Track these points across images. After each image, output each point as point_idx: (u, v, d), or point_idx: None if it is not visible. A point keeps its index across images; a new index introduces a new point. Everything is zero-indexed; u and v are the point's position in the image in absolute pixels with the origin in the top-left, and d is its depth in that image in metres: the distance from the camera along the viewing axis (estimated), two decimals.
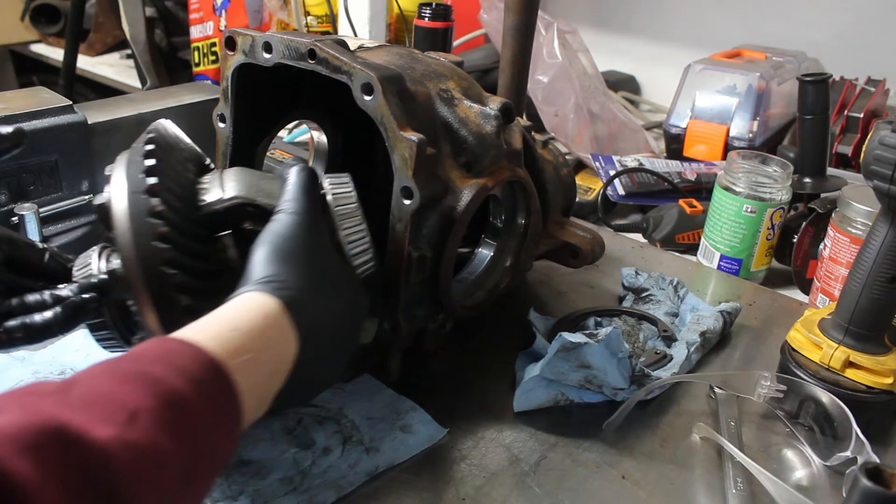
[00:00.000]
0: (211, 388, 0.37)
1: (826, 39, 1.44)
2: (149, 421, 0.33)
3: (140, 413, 0.33)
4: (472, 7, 1.44)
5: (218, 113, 0.67)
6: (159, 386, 0.35)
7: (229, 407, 0.39)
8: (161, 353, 0.38)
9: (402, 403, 0.65)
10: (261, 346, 0.42)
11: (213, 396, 0.37)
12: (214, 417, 0.37)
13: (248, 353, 0.41)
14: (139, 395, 0.34)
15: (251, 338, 0.42)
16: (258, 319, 0.43)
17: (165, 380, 0.35)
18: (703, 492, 0.59)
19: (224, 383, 0.39)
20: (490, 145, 0.63)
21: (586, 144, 1.28)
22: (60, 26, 2.08)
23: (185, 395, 0.36)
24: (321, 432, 0.61)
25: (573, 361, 0.63)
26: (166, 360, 0.37)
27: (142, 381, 0.35)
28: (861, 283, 0.63)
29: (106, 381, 0.34)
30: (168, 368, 0.36)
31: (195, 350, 0.38)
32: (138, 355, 0.37)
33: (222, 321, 0.42)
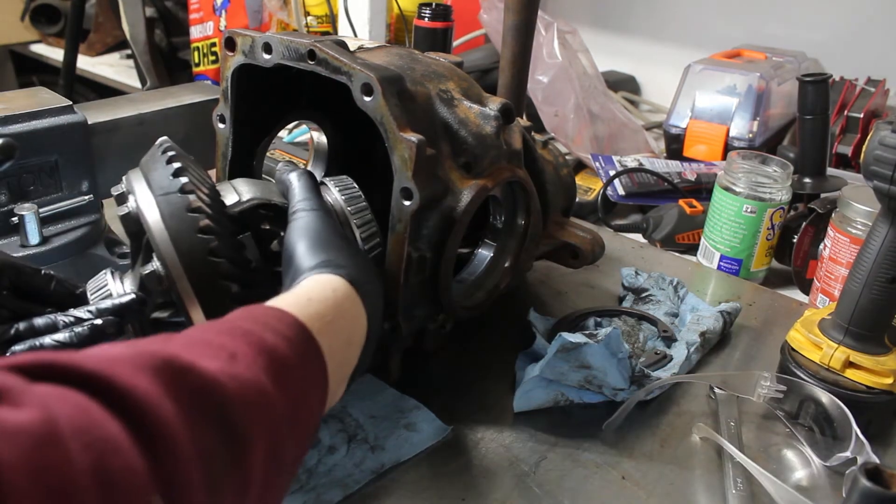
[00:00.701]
0: (299, 345, 0.39)
1: (826, 39, 1.44)
2: (249, 361, 0.35)
3: (239, 355, 0.35)
4: (472, 7, 1.44)
5: (218, 113, 0.67)
6: (252, 337, 0.37)
7: (318, 365, 0.41)
8: (249, 314, 0.39)
9: (406, 402, 0.65)
10: (337, 315, 0.44)
11: (302, 353, 0.39)
12: (306, 372, 0.39)
13: (327, 319, 0.42)
14: (235, 343, 0.36)
15: (327, 307, 0.43)
16: (329, 293, 0.45)
17: (257, 333, 0.37)
18: (703, 492, 0.59)
19: (310, 343, 0.40)
20: (490, 146, 0.63)
21: (586, 144, 1.28)
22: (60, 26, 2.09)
23: (278, 347, 0.37)
24: (326, 431, 0.61)
25: (573, 362, 0.63)
26: (255, 319, 0.39)
27: (235, 333, 0.37)
28: (861, 283, 0.63)
29: (202, 333, 0.36)
30: (258, 325, 0.38)
31: (280, 312, 0.40)
32: (227, 319, 0.39)
33: (297, 295, 0.44)
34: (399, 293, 0.59)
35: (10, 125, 0.73)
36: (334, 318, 0.44)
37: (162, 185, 0.52)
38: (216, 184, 0.57)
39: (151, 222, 0.51)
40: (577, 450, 0.62)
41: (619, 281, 0.87)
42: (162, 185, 0.52)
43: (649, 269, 0.88)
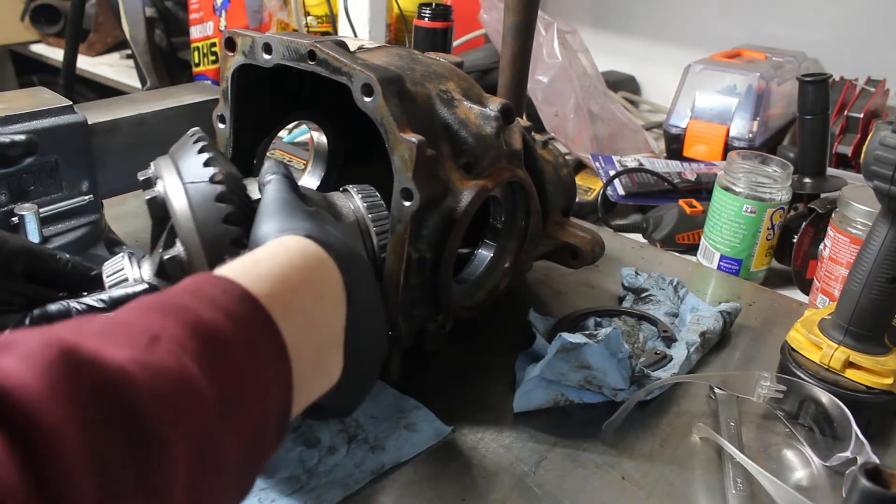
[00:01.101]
0: (244, 320, 0.35)
1: (826, 39, 1.44)
2: (172, 345, 0.31)
3: (161, 338, 0.31)
4: (472, 7, 1.44)
5: (218, 114, 0.67)
6: (186, 314, 0.33)
7: (270, 341, 0.36)
8: (192, 286, 0.35)
9: (406, 402, 0.65)
10: (294, 274, 0.39)
11: (247, 328, 0.35)
12: (253, 351, 0.34)
13: (280, 281, 0.38)
14: (162, 323, 0.32)
15: (280, 267, 0.39)
16: (280, 252, 0.40)
17: (193, 309, 0.33)
18: (703, 492, 0.59)
19: (259, 315, 0.36)
20: (490, 146, 0.63)
21: (586, 144, 1.28)
22: (60, 26, 2.09)
23: (216, 325, 0.33)
24: (326, 431, 0.61)
25: (573, 362, 0.63)
26: (196, 292, 0.35)
27: (168, 310, 0.33)
28: (861, 283, 0.63)
29: (128, 313, 0.33)
30: (197, 299, 0.34)
31: (225, 282, 0.36)
32: (167, 292, 0.35)
33: (243, 260, 0.40)
34: (399, 293, 0.59)
35: (10, 125, 0.73)
36: (290, 278, 0.38)
37: (192, 174, 0.52)
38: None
39: (178, 208, 0.51)
40: (577, 450, 0.62)
41: (619, 281, 0.87)
42: (192, 173, 0.52)
43: (649, 269, 0.88)
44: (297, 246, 0.41)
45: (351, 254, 0.45)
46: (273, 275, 0.38)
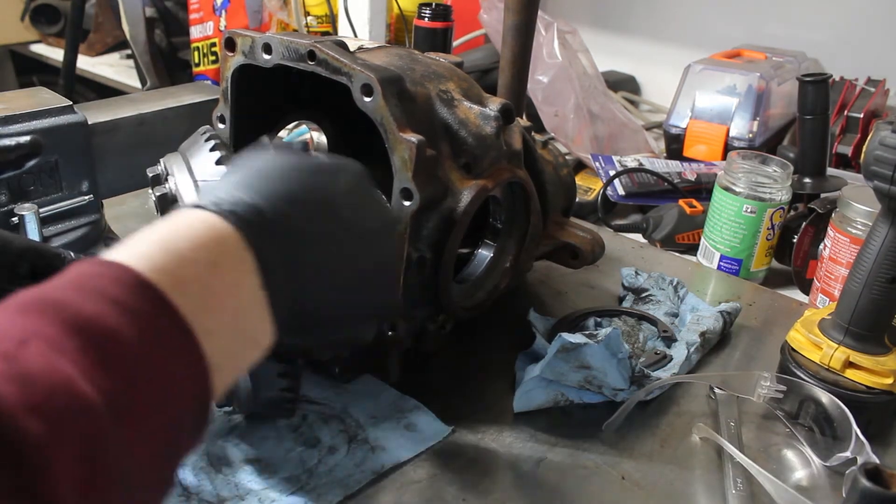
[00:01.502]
0: (138, 309, 0.31)
1: (826, 39, 1.44)
2: (43, 348, 0.27)
3: (31, 341, 0.27)
4: (472, 7, 1.44)
5: (218, 114, 0.67)
6: (64, 311, 0.29)
7: (173, 330, 0.32)
8: (74, 277, 0.31)
9: (406, 402, 0.65)
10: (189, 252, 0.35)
11: (142, 318, 0.30)
12: (146, 336, 0.30)
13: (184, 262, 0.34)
14: (34, 324, 0.28)
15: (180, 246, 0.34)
16: (182, 229, 0.36)
17: (71, 303, 0.29)
18: (703, 492, 0.59)
19: (157, 302, 0.31)
20: (490, 146, 0.63)
21: (586, 144, 1.28)
22: (60, 26, 2.09)
23: (101, 319, 0.29)
24: (326, 431, 0.61)
25: (573, 362, 0.63)
26: (78, 283, 0.31)
27: (41, 308, 0.29)
28: (861, 283, 0.63)
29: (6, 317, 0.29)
30: (78, 292, 0.30)
31: (115, 268, 0.32)
32: (42, 287, 0.31)
33: (135, 241, 0.35)
34: (399, 293, 0.59)
35: (10, 125, 0.73)
36: (176, 248, 0.34)
37: (204, 172, 0.52)
38: None
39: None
40: (577, 450, 0.62)
41: (619, 281, 0.87)
42: (204, 171, 0.52)
43: (649, 269, 0.88)
44: (182, 216, 0.37)
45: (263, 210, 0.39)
46: (156, 247, 0.34)
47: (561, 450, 0.62)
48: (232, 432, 0.60)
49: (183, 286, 0.33)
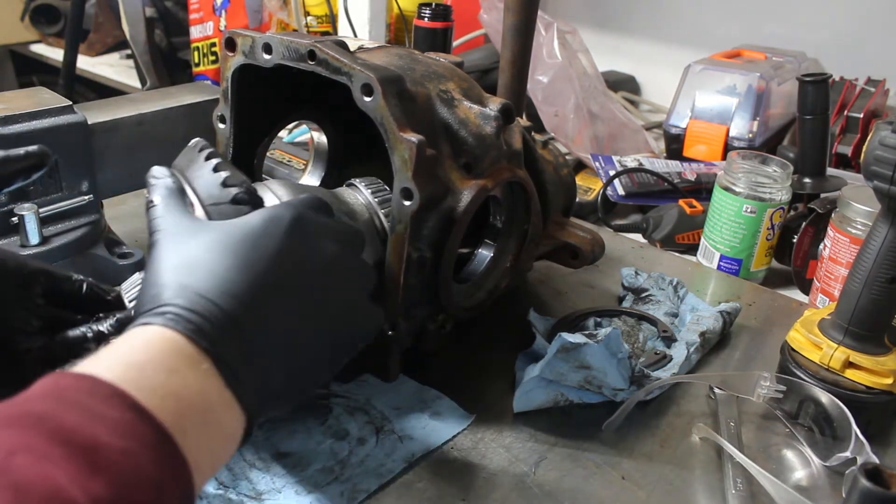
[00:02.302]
0: (117, 417, 0.32)
1: (826, 39, 1.44)
2: (31, 459, 0.29)
3: (18, 452, 0.29)
4: (472, 7, 1.44)
5: (218, 114, 0.67)
6: (47, 423, 0.30)
7: (148, 432, 0.33)
8: (50, 389, 0.33)
9: (427, 392, 0.66)
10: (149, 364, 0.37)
11: (121, 426, 0.32)
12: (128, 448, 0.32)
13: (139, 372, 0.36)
14: (19, 437, 0.30)
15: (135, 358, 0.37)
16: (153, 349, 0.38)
17: (52, 415, 0.31)
18: (703, 492, 0.59)
19: (134, 410, 0.33)
20: (490, 146, 0.63)
21: (586, 144, 1.28)
22: (60, 26, 2.09)
23: (82, 427, 0.31)
24: (353, 423, 0.62)
25: (573, 362, 0.63)
26: (56, 395, 0.32)
27: (23, 422, 0.30)
28: (861, 283, 0.63)
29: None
30: (59, 404, 0.32)
31: (90, 380, 0.34)
32: (23, 397, 0.33)
33: (110, 356, 0.37)
34: (399, 293, 0.59)
35: (10, 125, 0.73)
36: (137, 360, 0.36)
37: (211, 195, 0.51)
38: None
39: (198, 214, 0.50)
40: (577, 450, 0.62)
41: (619, 281, 0.87)
42: (211, 194, 0.51)
43: (649, 269, 0.88)
44: (135, 333, 0.39)
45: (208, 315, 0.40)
46: (124, 364, 0.36)
47: (561, 450, 0.62)
48: (259, 429, 0.61)
49: (151, 393, 0.34)
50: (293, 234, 0.46)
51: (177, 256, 0.43)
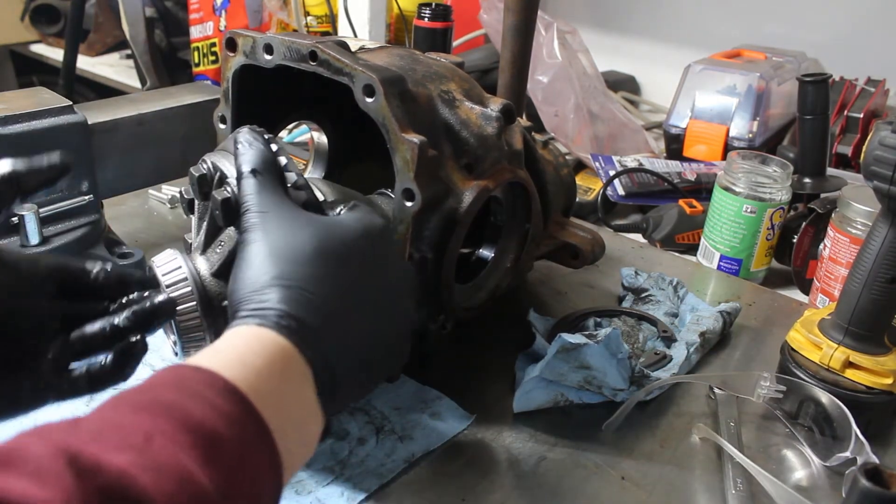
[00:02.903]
0: (233, 413, 0.35)
1: (826, 39, 1.44)
2: (166, 442, 0.32)
3: (155, 436, 0.31)
4: (472, 7, 1.44)
5: (219, 114, 0.67)
6: (174, 410, 0.33)
7: (257, 431, 0.37)
8: (174, 380, 0.36)
9: (427, 393, 0.66)
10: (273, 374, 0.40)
11: (236, 420, 0.35)
12: (243, 442, 0.35)
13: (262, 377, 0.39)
14: (153, 422, 0.32)
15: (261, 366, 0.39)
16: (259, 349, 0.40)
17: (180, 404, 0.34)
18: (703, 492, 0.59)
19: (245, 407, 0.36)
20: (491, 147, 0.63)
21: (586, 144, 1.28)
22: (60, 26, 2.08)
23: (206, 419, 0.34)
24: (353, 423, 0.62)
25: (573, 362, 0.64)
26: (180, 385, 0.35)
27: (154, 409, 0.33)
28: (861, 283, 0.63)
29: (115, 414, 0.33)
30: (182, 393, 0.34)
31: (209, 375, 0.37)
32: (148, 387, 0.36)
33: (225, 353, 0.40)
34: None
35: (10, 125, 0.73)
36: (255, 364, 0.39)
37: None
38: None
39: None
40: (577, 450, 0.62)
41: (619, 281, 0.87)
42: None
43: (649, 269, 0.88)
44: (249, 333, 0.41)
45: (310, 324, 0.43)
46: (241, 363, 0.38)
47: (561, 450, 0.62)
48: None
49: (262, 396, 0.37)
50: (383, 252, 0.49)
51: (280, 249, 0.45)
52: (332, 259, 0.46)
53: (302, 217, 0.48)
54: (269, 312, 0.42)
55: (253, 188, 0.48)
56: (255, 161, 0.49)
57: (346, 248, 0.47)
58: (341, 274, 0.46)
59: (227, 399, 0.36)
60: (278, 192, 0.49)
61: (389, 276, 0.50)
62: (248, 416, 0.36)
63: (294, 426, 0.40)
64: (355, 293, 0.47)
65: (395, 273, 0.51)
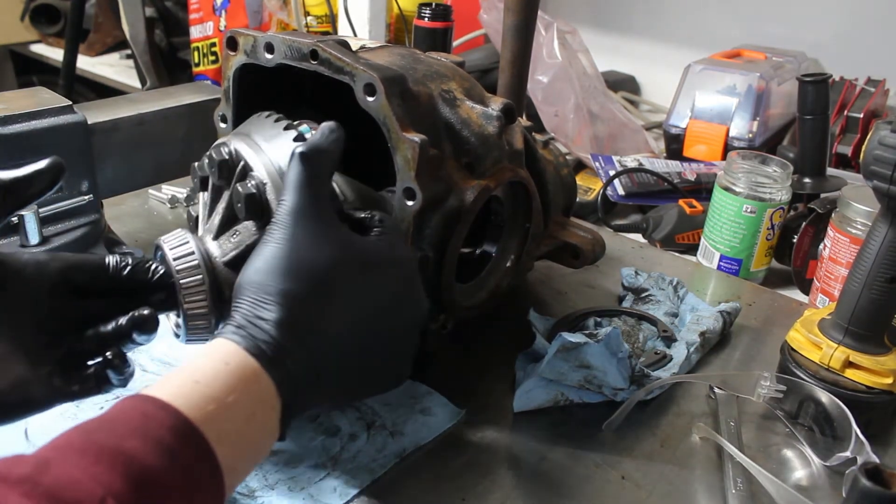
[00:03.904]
0: (187, 458, 0.36)
1: (826, 39, 1.44)
2: (99, 484, 0.33)
3: (107, 500, 0.32)
4: (472, 7, 1.44)
5: (219, 114, 0.67)
6: (132, 466, 0.34)
7: (203, 460, 0.38)
8: (130, 419, 0.36)
9: (418, 388, 0.66)
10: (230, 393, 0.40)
11: (188, 466, 0.36)
12: (189, 487, 0.36)
13: (217, 400, 0.39)
14: (110, 478, 0.33)
15: (217, 387, 0.40)
16: (221, 366, 0.41)
17: (138, 457, 0.35)
18: (703, 492, 0.59)
19: (193, 437, 0.37)
20: (492, 146, 0.63)
21: (586, 144, 1.28)
22: (60, 26, 2.09)
23: (159, 471, 0.35)
24: (344, 419, 0.62)
25: (573, 361, 0.64)
26: (135, 428, 0.36)
27: (114, 460, 0.34)
28: (861, 283, 0.63)
29: (79, 463, 0.33)
30: (135, 437, 0.35)
31: (158, 406, 0.37)
32: (114, 422, 0.36)
33: (183, 377, 0.40)
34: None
35: (10, 125, 0.73)
36: (225, 400, 0.39)
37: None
38: None
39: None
40: (577, 450, 0.62)
41: (619, 281, 0.87)
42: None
43: (649, 269, 0.88)
44: (235, 361, 0.42)
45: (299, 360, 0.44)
46: (211, 398, 0.39)
47: (561, 450, 0.62)
48: None
49: (224, 437, 0.38)
50: (403, 289, 0.51)
51: (299, 262, 0.45)
52: (350, 287, 0.46)
53: (332, 231, 0.47)
54: (262, 336, 0.43)
55: (299, 179, 0.47)
56: (321, 151, 0.48)
57: (367, 278, 0.47)
58: (355, 304, 0.47)
59: (185, 443, 0.36)
60: (322, 196, 0.48)
61: (404, 314, 0.51)
62: (202, 459, 0.37)
63: (249, 459, 0.41)
64: (363, 328, 0.47)
65: (409, 310, 0.51)
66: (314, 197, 0.47)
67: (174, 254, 0.52)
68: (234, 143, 0.56)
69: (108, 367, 0.49)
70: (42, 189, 0.48)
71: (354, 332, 0.47)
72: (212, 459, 0.37)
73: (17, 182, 0.47)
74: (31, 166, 0.48)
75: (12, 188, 0.47)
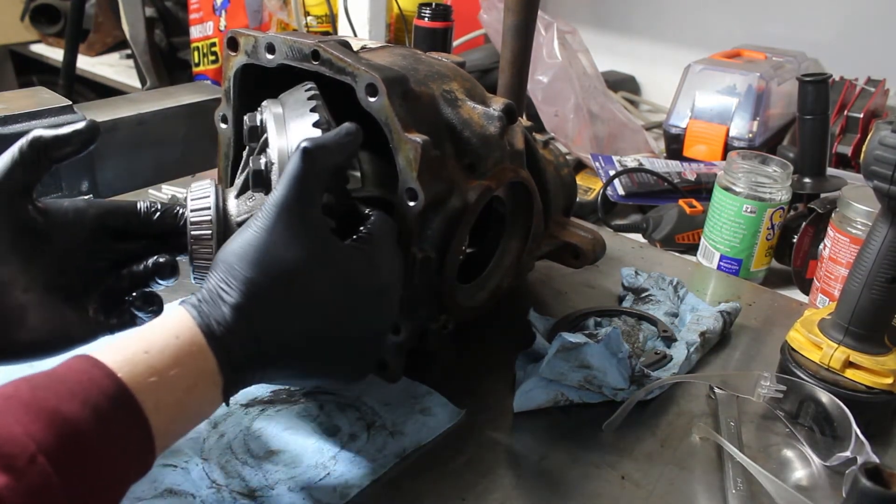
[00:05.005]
0: (121, 425, 0.39)
1: (826, 39, 1.44)
2: (45, 464, 0.34)
3: (38, 456, 0.34)
4: (472, 7, 1.44)
5: (220, 114, 0.67)
6: (66, 427, 0.36)
7: (138, 437, 0.40)
8: (70, 379, 0.38)
9: (418, 388, 0.66)
10: (174, 365, 0.42)
11: (121, 434, 0.38)
12: (118, 449, 0.38)
13: (159, 370, 0.41)
14: (45, 436, 0.35)
15: (163, 358, 0.42)
16: (171, 339, 0.43)
17: (74, 420, 0.36)
18: (703, 492, 0.59)
19: (137, 417, 0.39)
20: (494, 146, 0.63)
21: (586, 144, 1.29)
22: (60, 26, 2.09)
23: (91, 435, 0.37)
24: (344, 419, 0.62)
25: (573, 361, 0.64)
26: (83, 395, 0.38)
27: (51, 420, 0.36)
28: (861, 283, 0.63)
29: (21, 419, 0.35)
30: (83, 407, 0.37)
31: (108, 379, 0.39)
32: (61, 382, 0.38)
33: (133, 342, 0.42)
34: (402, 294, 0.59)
35: (10, 125, 0.73)
36: (167, 372, 0.41)
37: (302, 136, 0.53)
38: None
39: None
40: (577, 450, 0.62)
41: (619, 281, 0.87)
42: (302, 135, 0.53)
43: (649, 269, 0.88)
44: (185, 336, 0.43)
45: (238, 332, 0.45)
46: (155, 370, 0.41)
47: (561, 450, 0.62)
48: (251, 426, 0.61)
49: (161, 406, 0.41)
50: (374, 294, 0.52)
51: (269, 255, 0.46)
52: (313, 291, 0.47)
53: (310, 231, 0.48)
54: (217, 315, 0.44)
55: (294, 173, 0.48)
56: (325, 149, 0.49)
57: (330, 285, 0.48)
58: (313, 307, 0.48)
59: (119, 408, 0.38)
60: (312, 192, 0.48)
61: (363, 325, 0.52)
62: (133, 422, 0.39)
63: (186, 426, 0.44)
64: (316, 329, 0.48)
65: (371, 321, 0.52)
66: (304, 192, 0.48)
67: (193, 205, 0.56)
68: (267, 111, 0.57)
69: (132, 306, 0.54)
70: (78, 148, 0.53)
71: (307, 333, 0.48)
72: (145, 428, 0.40)
73: (57, 140, 0.51)
74: (69, 126, 0.52)
75: (53, 145, 0.51)
